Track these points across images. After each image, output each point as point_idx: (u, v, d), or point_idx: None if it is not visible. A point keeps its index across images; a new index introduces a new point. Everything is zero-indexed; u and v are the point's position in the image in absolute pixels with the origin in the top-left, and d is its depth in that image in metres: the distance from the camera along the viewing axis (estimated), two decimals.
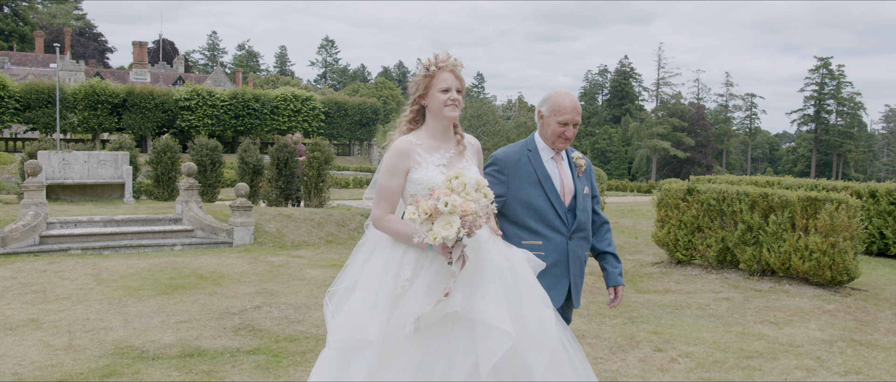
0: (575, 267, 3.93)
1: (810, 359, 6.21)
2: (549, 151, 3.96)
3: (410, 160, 3.40)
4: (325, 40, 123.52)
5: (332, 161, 16.32)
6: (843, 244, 9.34)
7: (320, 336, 6.62)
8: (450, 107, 3.43)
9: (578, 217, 3.93)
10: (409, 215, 3.12)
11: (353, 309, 3.28)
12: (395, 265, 3.33)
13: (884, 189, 13.41)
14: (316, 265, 10.55)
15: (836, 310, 8.27)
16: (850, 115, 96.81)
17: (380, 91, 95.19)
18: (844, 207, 9.38)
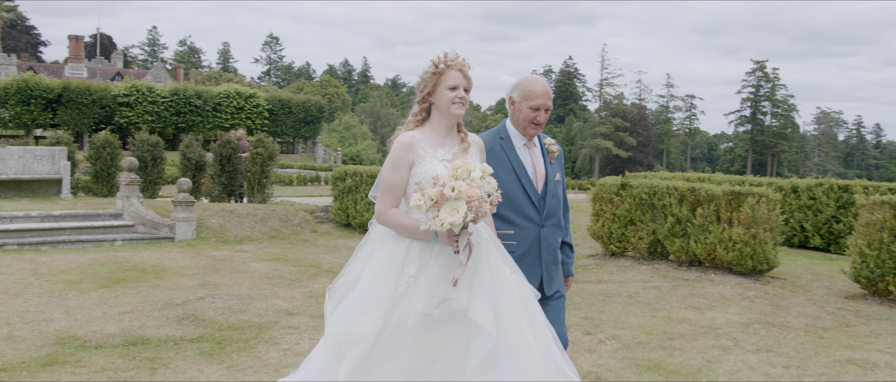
0: (547, 255, 3.91)
1: (727, 339, 6.66)
2: (522, 138, 3.94)
3: (414, 154, 3.41)
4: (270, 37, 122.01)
5: (276, 157, 16.35)
6: (764, 235, 9.91)
7: (263, 324, 6.78)
8: (457, 105, 3.45)
9: (549, 204, 3.92)
10: (415, 202, 3.15)
11: (350, 304, 3.30)
12: (400, 261, 3.33)
13: (804, 185, 14.18)
14: (259, 259, 10.64)
15: (755, 296, 8.80)
16: (784, 116, 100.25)
17: (325, 89, 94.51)
18: (765, 200, 9.95)
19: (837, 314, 7.95)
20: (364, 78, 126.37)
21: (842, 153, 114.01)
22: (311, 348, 5.99)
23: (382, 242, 3.46)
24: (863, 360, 6.08)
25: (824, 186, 13.93)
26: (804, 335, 6.96)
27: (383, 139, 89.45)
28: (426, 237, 3.29)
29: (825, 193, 13.92)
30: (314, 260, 10.71)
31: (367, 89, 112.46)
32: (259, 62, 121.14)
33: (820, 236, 13.93)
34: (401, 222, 3.33)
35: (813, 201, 14.05)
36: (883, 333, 7.13)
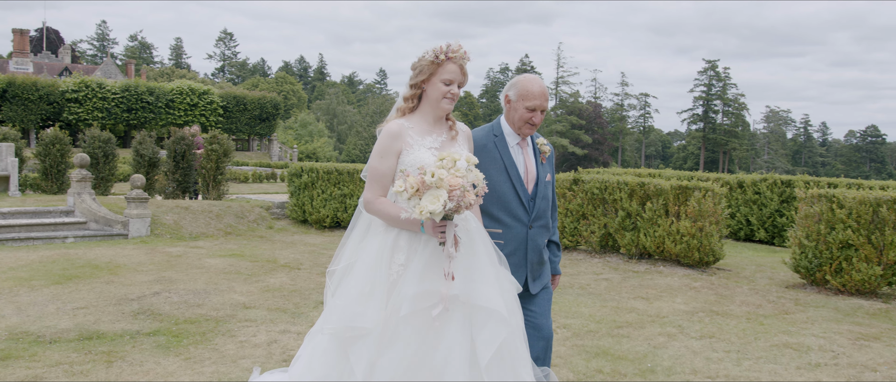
0: (533, 256, 3.88)
1: (672, 327, 6.93)
2: (515, 136, 3.90)
3: (402, 142, 3.38)
4: (224, 33, 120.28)
5: (232, 154, 16.24)
6: (710, 228, 10.27)
7: (220, 318, 6.82)
8: (447, 100, 3.42)
9: (538, 205, 3.89)
10: (397, 188, 3.15)
11: (349, 296, 3.26)
12: (389, 250, 3.30)
13: (749, 180, 14.67)
14: (215, 255, 10.62)
15: (701, 287, 9.13)
16: (735, 115, 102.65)
17: (281, 86, 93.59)
18: (710, 194, 10.31)
19: (777, 303, 8.31)
20: (320, 75, 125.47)
21: (790, 151, 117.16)
22: (269, 339, 6.08)
23: (370, 232, 3.43)
24: (798, 344, 6.40)
25: (768, 181, 14.43)
26: (745, 322, 7.28)
27: (340, 137, 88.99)
28: (411, 227, 3.27)
29: (769, 188, 14.43)
30: (271, 256, 10.74)
31: (324, 87, 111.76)
32: (213, 58, 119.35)
33: (765, 229, 14.44)
34: (388, 211, 3.31)
35: (758, 195, 14.55)
36: (819, 319, 7.49)
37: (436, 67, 3.42)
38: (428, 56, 3.44)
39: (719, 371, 5.55)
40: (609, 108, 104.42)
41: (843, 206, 8.87)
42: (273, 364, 5.43)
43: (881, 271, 8.59)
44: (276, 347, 5.89)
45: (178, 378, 5.08)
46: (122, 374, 5.15)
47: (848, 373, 5.59)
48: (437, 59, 3.41)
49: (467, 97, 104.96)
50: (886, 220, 8.55)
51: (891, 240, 8.50)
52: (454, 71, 3.42)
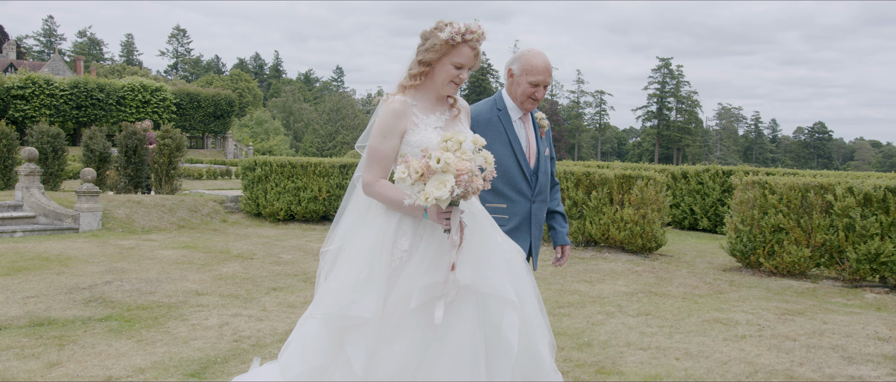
0: (536, 231, 3.86)
1: (612, 306, 7.26)
2: (518, 110, 3.84)
3: (407, 121, 3.20)
4: (177, 29, 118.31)
5: (184, 149, 16.20)
6: (652, 215, 10.68)
7: (172, 304, 6.92)
8: (451, 86, 3.27)
9: (540, 180, 3.86)
10: (399, 175, 2.97)
11: (345, 281, 3.10)
12: (391, 235, 3.13)
13: (693, 171, 15.20)
14: (168, 247, 10.65)
15: (643, 271, 9.51)
16: (688, 112, 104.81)
17: (236, 83, 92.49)
18: (652, 183, 10.72)
19: (713, 284, 8.73)
20: (276, 72, 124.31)
21: (741, 147, 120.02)
22: (220, 322, 6.22)
23: (369, 214, 3.27)
24: (728, 319, 6.79)
25: (711, 171, 14.98)
26: (681, 301, 7.65)
27: (296, 135, 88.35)
28: (414, 213, 3.10)
29: (711, 178, 14.97)
30: (224, 247, 10.81)
31: (280, 84, 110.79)
32: (165, 55, 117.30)
33: (707, 218, 14.97)
34: (389, 195, 3.13)
35: (701, 185, 15.09)
36: (750, 297, 7.91)
37: (449, 48, 3.20)
38: (443, 35, 3.20)
39: (651, 344, 5.88)
40: (565, 105, 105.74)
41: (775, 192, 9.34)
42: (224, 345, 5.58)
43: (809, 253, 9.07)
44: (228, 329, 6.04)
45: (130, 359, 5.19)
46: (73, 356, 5.24)
47: (769, 343, 5.97)
48: (453, 40, 3.19)
49: None
50: (814, 204, 9.03)
51: (818, 224, 8.98)
52: (468, 55, 3.22)
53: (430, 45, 3.23)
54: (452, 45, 3.19)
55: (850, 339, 6.14)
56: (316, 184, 14.04)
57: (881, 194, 8.58)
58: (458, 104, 3.40)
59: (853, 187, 8.80)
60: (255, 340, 5.74)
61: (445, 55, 3.22)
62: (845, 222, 8.77)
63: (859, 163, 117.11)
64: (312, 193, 14.05)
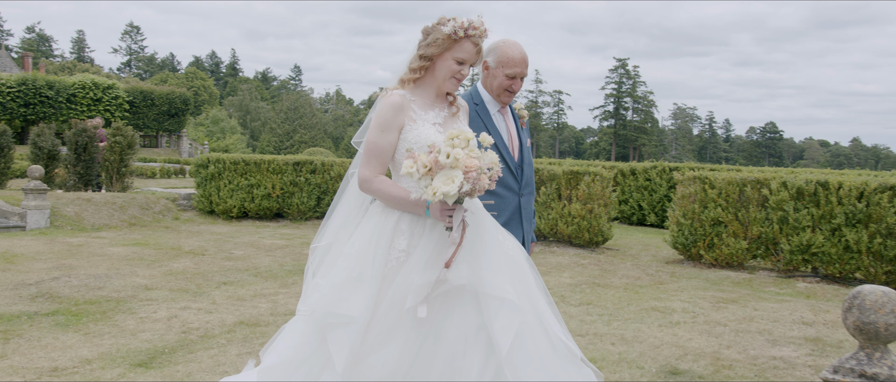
0: (527, 224, 3.80)
1: (555, 297, 7.50)
2: (495, 104, 3.75)
3: (405, 117, 3.13)
4: (130, 26, 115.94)
5: (136, 146, 16.02)
6: (599, 209, 10.98)
7: (121, 299, 6.94)
8: (452, 82, 3.19)
9: (526, 172, 3.78)
10: (407, 169, 2.92)
11: (335, 280, 3.02)
12: (389, 234, 3.06)
13: (640, 168, 15.61)
14: (118, 244, 10.59)
15: (589, 264, 9.80)
16: (645, 112, 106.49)
17: (191, 81, 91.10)
18: (599, 179, 11.03)
19: (655, 275, 9.04)
20: (233, 71, 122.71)
21: (696, 146, 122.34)
22: (169, 315, 6.28)
23: (364, 212, 3.21)
24: (665, 307, 7.08)
25: (658, 168, 15.40)
26: (623, 291, 7.93)
27: (253, 134, 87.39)
28: (416, 210, 3.03)
29: (658, 174, 15.39)
30: (176, 244, 10.79)
31: (236, 82, 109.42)
32: (118, 52, 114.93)
33: (655, 213, 15.39)
34: (389, 192, 3.07)
35: (649, 182, 15.50)
36: (688, 287, 8.23)
37: (451, 43, 3.14)
38: (445, 29, 3.14)
39: (589, 330, 6.12)
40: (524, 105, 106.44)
41: (715, 187, 9.70)
42: (172, 336, 5.65)
43: (746, 245, 9.45)
44: (176, 321, 6.11)
45: (77, 351, 5.24)
46: (19, 348, 5.26)
47: (701, 328, 6.27)
48: (455, 35, 3.12)
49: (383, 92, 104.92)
50: (751, 199, 9.41)
51: (754, 217, 9.37)
52: (469, 51, 3.15)
53: (431, 40, 3.16)
54: (455, 40, 3.13)
55: (777, 324, 6.47)
56: (270, 181, 14.06)
57: (812, 188, 8.99)
58: (458, 102, 3.33)
59: (787, 181, 9.20)
60: (203, 331, 5.82)
61: (447, 50, 3.15)
62: (779, 216, 9.16)
63: (808, 162, 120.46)
64: (266, 190, 14.06)
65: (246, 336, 5.72)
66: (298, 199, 14.18)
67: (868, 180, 8.78)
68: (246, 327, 5.99)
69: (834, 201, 8.78)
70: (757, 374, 5.03)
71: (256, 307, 6.69)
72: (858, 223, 8.63)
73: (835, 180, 8.92)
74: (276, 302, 6.93)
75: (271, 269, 8.76)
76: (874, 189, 8.59)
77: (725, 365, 5.20)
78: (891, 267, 8.42)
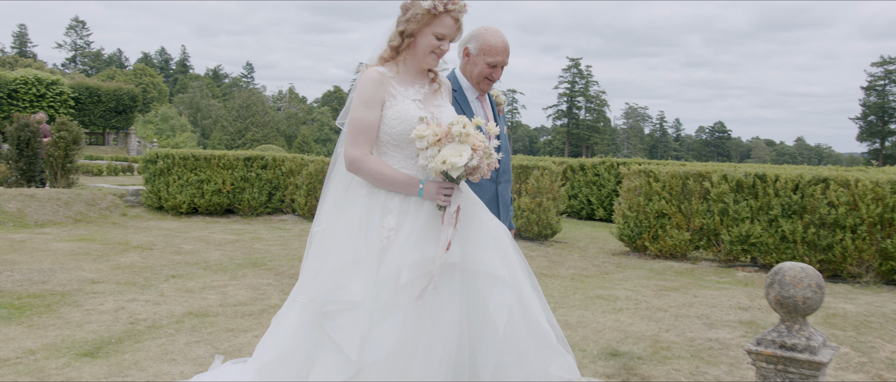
0: (504, 212, 3.76)
1: None
2: (473, 91, 3.70)
3: (385, 92, 3.08)
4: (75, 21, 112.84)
5: (82, 142, 15.70)
6: (548, 203, 11.19)
7: (66, 292, 6.85)
8: (434, 56, 3.14)
9: (503, 160, 3.71)
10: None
11: (331, 266, 2.95)
12: (378, 214, 3.01)
13: (589, 163, 15.92)
14: (63, 240, 10.40)
15: (537, 256, 9.99)
16: (597, 111, 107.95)
17: (139, 78, 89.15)
18: (548, 172, 11.24)
19: (601, 266, 9.28)
20: (183, 68, 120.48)
21: (647, 145, 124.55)
22: (116, 307, 6.24)
23: (350, 193, 3.14)
24: (609, 295, 7.29)
25: (606, 163, 15.73)
26: (569, 281, 8.13)
27: (204, 132, 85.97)
28: (408, 190, 3.00)
29: (607, 170, 15.72)
30: (123, 239, 10.64)
31: (187, 80, 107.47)
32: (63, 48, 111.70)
33: (603, 208, 15.72)
34: (380, 171, 3.02)
35: (597, 177, 15.82)
36: (632, 277, 8.47)
37: (431, 18, 3.07)
38: (425, 4, 3.07)
39: None
40: None
41: (658, 179, 9.99)
42: (119, 327, 5.62)
43: (689, 236, 9.76)
44: (123, 313, 6.07)
45: (20, 342, 5.18)
46: None
47: (643, 314, 6.48)
48: (435, 10, 3.06)
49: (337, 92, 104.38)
50: (693, 191, 9.72)
51: (697, 209, 9.68)
52: (450, 26, 3.09)
53: (411, 15, 3.09)
54: (434, 14, 3.06)
55: (715, 309, 6.73)
56: (220, 177, 13.94)
57: (751, 180, 9.33)
58: (439, 79, 3.28)
59: (727, 174, 9.53)
60: (151, 322, 5.80)
61: (427, 25, 3.08)
62: (720, 207, 9.49)
63: (755, 161, 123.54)
64: (216, 185, 13.94)
65: (195, 326, 5.73)
66: (249, 195, 14.10)
67: (803, 173, 9.15)
68: (195, 317, 5.99)
69: (771, 193, 9.13)
70: (693, 354, 5.25)
71: (206, 299, 6.68)
72: (794, 214, 8.99)
73: (772, 173, 9.28)
74: (226, 294, 6.92)
75: (221, 262, 8.72)
76: (808, 181, 8.96)
77: (663, 347, 5.41)
78: (823, 256, 8.79)
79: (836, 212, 8.64)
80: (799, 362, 3.32)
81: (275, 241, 10.94)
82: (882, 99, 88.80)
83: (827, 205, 8.74)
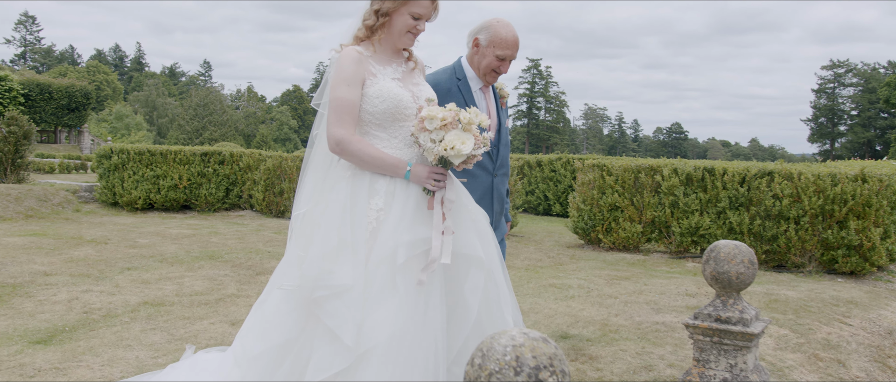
0: (497, 205, 3.74)
1: None
2: (478, 81, 3.68)
3: (365, 70, 3.03)
4: (25, 16, 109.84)
5: (33, 137, 15.39)
6: None
7: (18, 284, 6.78)
8: (409, 37, 3.10)
9: (501, 153, 3.71)
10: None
11: (316, 251, 2.86)
12: (364, 196, 2.94)
13: (546, 160, 16.17)
14: (14, 235, 10.22)
15: None
16: (557, 111, 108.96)
17: (93, 75, 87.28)
18: None
19: (556, 257, 9.47)
20: (138, 65, 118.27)
21: (606, 146, 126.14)
22: (69, 297, 6.20)
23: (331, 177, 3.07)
24: (562, 284, 7.47)
25: (562, 160, 15.99)
26: (524, 272, 8.29)
27: (160, 131, 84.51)
28: (394, 172, 2.95)
29: (563, 166, 15.98)
30: (76, 234, 10.50)
31: (142, 77, 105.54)
32: (12, 43, 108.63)
33: (560, 203, 15.97)
34: (367, 152, 2.94)
35: (554, 173, 16.07)
36: (586, 268, 8.68)
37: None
38: None
39: None
40: None
41: (612, 173, 10.23)
42: (73, 316, 5.60)
43: (641, 228, 10.01)
44: (77, 303, 6.04)
45: None
46: None
47: (594, 301, 6.67)
48: None
49: (296, 91, 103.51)
50: (645, 184, 9.98)
51: (648, 202, 9.94)
52: (426, 6, 3.07)
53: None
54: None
55: (663, 296, 6.96)
56: (176, 172, 13.82)
57: (700, 174, 9.62)
58: (414, 58, 3.25)
59: (677, 168, 9.81)
60: (105, 311, 5.79)
61: (403, 5, 3.04)
62: (671, 200, 9.76)
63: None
64: (173, 181, 13.82)
65: (150, 314, 5.73)
66: (206, 190, 14.00)
67: (749, 167, 9.47)
68: (150, 306, 5.99)
69: (719, 186, 9.43)
70: (640, 336, 5.44)
71: (161, 289, 6.67)
72: (741, 206, 9.30)
73: (720, 167, 9.58)
74: (182, 284, 6.92)
75: (178, 255, 8.69)
76: (754, 175, 9.27)
77: (612, 330, 5.59)
78: (769, 247, 9.11)
79: (780, 204, 8.96)
80: (733, 334, 3.51)
81: (232, 235, 10.91)
82: (832, 101, 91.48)
83: (772, 197, 9.06)
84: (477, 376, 1.71)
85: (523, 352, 1.69)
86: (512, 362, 1.68)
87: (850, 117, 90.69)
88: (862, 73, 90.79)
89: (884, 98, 76.07)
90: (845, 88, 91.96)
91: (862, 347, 5.94)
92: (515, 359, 1.68)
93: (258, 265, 8.13)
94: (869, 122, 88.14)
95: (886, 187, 8.79)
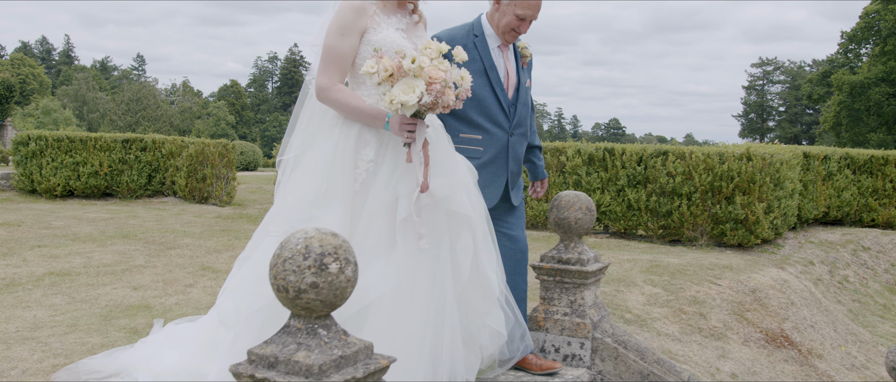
0: (513, 165, 3.70)
1: None
2: (497, 39, 3.62)
3: (368, 19, 2.97)
4: None
5: None
6: None
7: None
8: None
9: (519, 111, 3.67)
10: (367, 69, 2.74)
11: (303, 197, 2.82)
12: (353, 145, 2.88)
13: None
14: None
15: None
16: None
17: (18, 69, 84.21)
18: None
19: None
20: (67, 58, 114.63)
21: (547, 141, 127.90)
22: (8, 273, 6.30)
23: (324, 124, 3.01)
24: None
25: None
26: None
27: (91, 126, 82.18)
28: (374, 123, 2.86)
29: None
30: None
31: (71, 71, 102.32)
32: None
33: None
34: (346, 101, 2.88)
35: None
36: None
37: None
38: None
39: None
40: None
41: None
42: None
43: (548, 207, 10.53)
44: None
45: None
46: None
47: None
48: None
49: (234, 86, 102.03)
50: (551, 165, 10.50)
51: (554, 181, 10.46)
52: None
53: None
54: None
55: None
56: (97, 159, 13.76)
57: (601, 154, 10.20)
58: (419, 11, 3.19)
59: (580, 149, 10.37)
60: (9, 281, 5.93)
61: None
62: (574, 179, 10.31)
63: None
64: (93, 168, 13.75)
65: (54, 282, 5.91)
66: (128, 177, 13.97)
67: (646, 147, 10.10)
68: (55, 276, 6.15)
69: (618, 165, 10.02)
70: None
71: (69, 262, 6.82)
72: (638, 184, 9.91)
73: (619, 148, 10.17)
74: (91, 258, 7.08)
75: (92, 235, 8.79)
76: (650, 154, 9.89)
77: None
78: (664, 221, 9.74)
79: (673, 181, 9.59)
80: (571, 272, 3.96)
81: (151, 219, 11.00)
82: (761, 98, 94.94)
83: (666, 175, 9.69)
84: (274, 262, 2.08)
85: (312, 242, 2.07)
86: (302, 249, 2.05)
87: (777, 113, 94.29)
88: (789, 70, 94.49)
89: (806, 94, 79.47)
90: (773, 85, 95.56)
91: (725, 303, 6.53)
92: (305, 248, 2.05)
93: (171, 241, 8.32)
94: (795, 117, 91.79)
95: (769, 165, 9.50)
